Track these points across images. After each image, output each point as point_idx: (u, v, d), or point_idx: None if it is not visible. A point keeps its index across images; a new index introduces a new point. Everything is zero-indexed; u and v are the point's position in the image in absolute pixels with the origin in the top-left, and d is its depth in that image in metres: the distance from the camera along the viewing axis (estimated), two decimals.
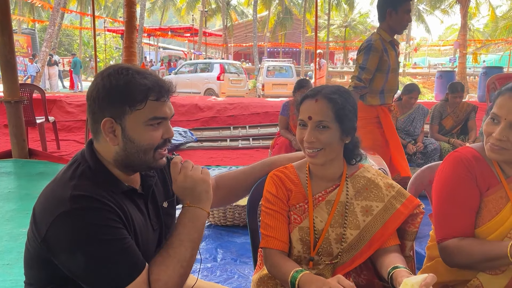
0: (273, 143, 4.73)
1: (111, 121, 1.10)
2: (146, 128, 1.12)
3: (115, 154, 1.13)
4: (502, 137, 1.30)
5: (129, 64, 1.19)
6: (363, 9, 49.26)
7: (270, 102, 8.74)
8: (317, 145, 1.35)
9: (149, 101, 1.10)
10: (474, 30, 34.35)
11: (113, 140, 1.12)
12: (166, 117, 1.15)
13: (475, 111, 4.93)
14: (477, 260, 1.33)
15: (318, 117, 1.34)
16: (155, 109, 1.11)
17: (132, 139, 1.11)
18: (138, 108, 1.09)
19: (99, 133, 1.13)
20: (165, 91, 1.14)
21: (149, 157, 1.15)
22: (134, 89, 1.09)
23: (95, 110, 1.12)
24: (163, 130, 1.15)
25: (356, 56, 3.34)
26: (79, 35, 35.16)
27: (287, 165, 1.51)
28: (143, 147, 1.13)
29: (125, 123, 1.10)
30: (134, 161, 1.14)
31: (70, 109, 8.17)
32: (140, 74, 1.12)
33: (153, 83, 1.11)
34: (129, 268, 1.05)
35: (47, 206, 1.05)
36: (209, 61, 19.35)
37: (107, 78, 1.10)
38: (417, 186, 1.72)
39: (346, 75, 32.37)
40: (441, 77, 12.03)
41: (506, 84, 1.37)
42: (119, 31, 27.63)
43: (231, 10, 38.91)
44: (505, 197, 1.37)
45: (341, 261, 1.38)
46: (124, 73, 1.10)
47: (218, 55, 44.55)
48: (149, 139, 1.12)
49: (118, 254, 1.03)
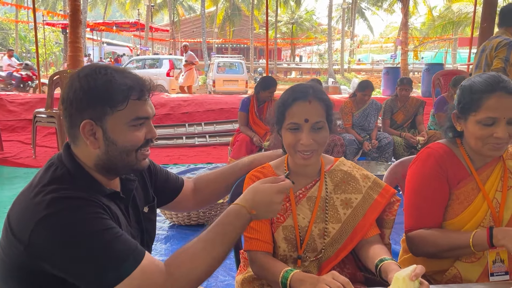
0: (233, 140, 4.71)
1: (91, 123, 1.05)
2: (129, 128, 1.08)
3: (96, 158, 1.09)
4: (505, 135, 1.36)
5: (103, 64, 1.13)
6: (309, 7, 50.27)
7: (224, 98, 8.68)
8: (314, 147, 1.34)
9: (131, 100, 1.06)
10: (412, 28, 36.06)
11: (93, 143, 1.07)
12: (148, 117, 1.12)
13: (423, 106, 5.19)
14: (442, 249, 1.41)
15: (315, 118, 1.34)
16: (137, 109, 1.08)
17: (114, 141, 1.07)
18: (120, 108, 1.05)
19: (78, 137, 1.08)
20: (147, 89, 1.10)
21: (132, 158, 1.11)
22: (114, 89, 1.04)
23: (72, 113, 1.07)
24: (145, 130, 1.12)
25: (495, 52, 3.79)
26: (15, 29, 33.09)
27: (264, 165, 1.50)
28: (126, 148, 1.08)
29: (106, 125, 1.06)
30: (116, 164, 1.10)
31: (12, 107, 7.66)
32: (119, 73, 1.08)
33: (134, 82, 1.08)
34: (131, 253, 0.99)
35: (27, 212, 0.99)
36: (158, 56, 18.90)
37: (85, 79, 1.05)
38: (391, 180, 1.78)
39: (293, 71, 32.95)
40: (388, 73, 12.56)
41: (478, 89, 1.39)
42: (59, 25, 26.32)
43: (178, 4, 38.23)
44: (476, 188, 1.45)
45: (325, 256, 1.40)
46: (102, 72, 1.06)
47: (165, 50, 43.64)
48: (132, 140, 1.09)
49: (115, 242, 0.98)
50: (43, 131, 7.02)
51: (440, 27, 25.82)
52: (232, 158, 4.42)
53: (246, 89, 16.60)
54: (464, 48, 27.64)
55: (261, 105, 4.63)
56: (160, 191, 1.39)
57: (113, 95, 1.04)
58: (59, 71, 6.84)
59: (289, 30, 38.33)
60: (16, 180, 4.76)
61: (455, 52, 31.22)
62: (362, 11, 40.10)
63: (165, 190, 1.42)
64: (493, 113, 1.37)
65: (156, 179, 1.39)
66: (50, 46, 31.88)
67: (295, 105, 1.35)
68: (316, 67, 32.68)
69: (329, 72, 26.38)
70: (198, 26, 32.05)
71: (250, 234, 1.37)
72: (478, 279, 1.44)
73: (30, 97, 8.47)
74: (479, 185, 1.44)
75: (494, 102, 1.37)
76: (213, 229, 1.10)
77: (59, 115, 5.46)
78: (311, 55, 44.74)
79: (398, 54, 24.48)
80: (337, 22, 40.98)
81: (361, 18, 40.43)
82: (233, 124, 7.45)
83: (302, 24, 38.16)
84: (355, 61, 36.91)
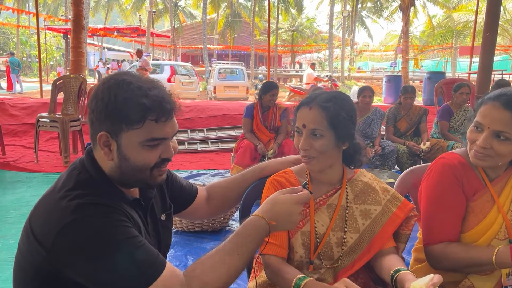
0: (236, 146, 4.68)
1: (107, 135, 1.04)
2: (143, 148, 1.05)
3: (110, 169, 1.08)
4: (486, 145, 1.36)
5: (132, 75, 1.08)
6: (310, 14, 50.66)
7: (226, 105, 8.69)
8: (311, 153, 1.36)
9: (148, 121, 1.03)
10: (412, 36, 36.25)
11: (108, 154, 1.06)
12: (166, 138, 1.08)
13: (426, 114, 5.19)
14: (463, 265, 1.39)
15: (312, 125, 1.35)
16: (153, 130, 1.04)
17: (127, 158, 1.05)
18: (135, 127, 1.02)
19: (97, 144, 1.08)
20: (167, 111, 1.05)
21: (145, 176, 1.09)
22: (131, 108, 1.01)
23: (93, 121, 1.06)
24: (161, 150, 1.08)
25: None
26: (16, 34, 33.17)
27: (285, 170, 1.50)
28: (138, 167, 1.07)
29: (120, 140, 1.04)
30: (129, 179, 1.09)
31: (14, 112, 7.64)
32: (142, 90, 1.03)
33: (153, 103, 1.02)
34: (153, 263, 0.99)
35: (51, 217, 0.99)
36: (159, 62, 18.92)
37: (107, 91, 1.04)
38: (402, 189, 1.77)
39: (294, 78, 33.04)
40: (389, 81, 12.62)
41: (488, 93, 1.43)
42: (61, 30, 26.42)
43: (179, 11, 38.41)
44: (491, 200, 1.43)
45: (341, 265, 1.39)
46: (125, 88, 1.03)
47: (165, 56, 43.77)
48: (144, 160, 1.06)
49: (138, 251, 0.98)
50: (45, 136, 7.00)
51: (440, 36, 25.94)
52: (236, 164, 4.40)
53: (247, 95, 16.62)
54: (463, 57, 27.74)
55: (266, 111, 4.62)
56: (175, 198, 1.38)
57: (130, 114, 1.01)
58: (62, 75, 6.84)
59: (290, 37, 38.49)
60: (18, 184, 4.74)
61: (455, 61, 31.34)
62: (363, 19, 40.31)
63: (180, 198, 1.42)
64: (481, 119, 1.39)
65: (172, 187, 1.39)
66: (52, 51, 31.96)
67: (300, 110, 1.40)
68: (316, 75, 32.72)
69: None
70: (199, 33, 32.18)
71: (266, 238, 1.37)
72: None
73: (32, 102, 8.46)
74: (494, 197, 1.43)
75: (486, 109, 1.38)
76: (232, 240, 1.09)
77: (62, 120, 5.46)
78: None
79: (398, 62, 24.58)
80: (338, 30, 41.19)
81: (361, 26, 40.64)
82: (235, 131, 7.44)
83: (303, 31, 38.32)
84: (355, 69, 37.01)
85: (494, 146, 1.36)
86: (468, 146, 1.44)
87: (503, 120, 1.33)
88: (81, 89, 5.81)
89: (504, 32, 18.62)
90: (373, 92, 5.02)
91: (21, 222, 3.65)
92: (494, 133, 1.35)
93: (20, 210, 3.88)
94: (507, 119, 1.33)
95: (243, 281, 2.74)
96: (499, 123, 1.34)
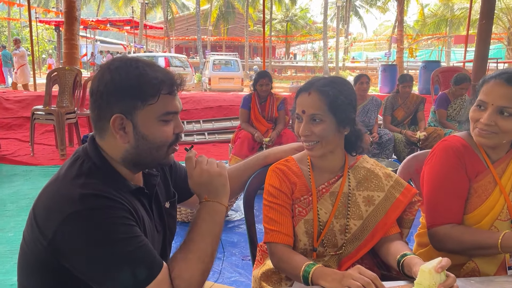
0: (234, 137, 4.68)
1: (121, 117, 1.03)
2: (159, 123, 1.06)
3: (124, 152, 1.07)
4: (490, 122, 1.37)
5: (133, 57, 1.11)
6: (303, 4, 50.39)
7: (223, 96, 8.66)
8: (312, 138, 1.36)
9: (162, 95, 1.04)
10: (406, 26, 36.19)
11: (123, 137, 1.05)
12: (177, 111, 1.11)
13: (423, 103, 5.21)
14: (467, 247, 1.40)
15: (311, 110, 1.34)
16: (167, 104, 1.07)
17: (145, 136, 1.05)
18: (151, 103, 1.04)
19: (105, 130, 1.06)
20: (177, 84, 1.09)
21: (162, 153, 1.10)
22: (146, 83, 1.03)
23: (101, 106, 1.04)
24: (174, 124, 1.10)
25: None
26: (7, 27, 32.77)
27: (287, 158, 1.49)
28: (156, 144, 1.07)
29: (136, 119, 1.04)
30: (146, 159, 1.09)
31: (8, 105, 7.57)
32: (151, 67, 1.07)
33: (165, 76, 1.06)
34: (149, 265, 0.99)
35: (53, 206, 0.97)
36: (153, 54, 18.81)
37: (116, 72, 1.03)
38: (405, 175, 1.77)
39: (288, 69, 32.98)
40: (385, 71, 12.61)
41: (487, 75, 1.45)
42: (52, 22, 26.11)
43: (172, 2, 38.08)
44: (493, 182, 1.44)
45: (345, 252, 1.39)
46: (134, 65, 1.04)
47: (158, 48, 43.48)
48: (162, 135, 1.07)
49: (136, 252, 0.97)
50: (40, 129, 6.95)
51: (433, 25, 25.93)
52: (234, 155, 4.40)
53: (241, 86, 16.58)
54: (457, 46, 27.77)
55: (263, 102, 4.62)
56: (179, 187, 1.37)
57: (145, 89, 1.03)
58: (57, 68, 6.76)
59: (284, 28, 38.33)
60: (15, 178, 4.72)
61: (449, 50, 31.38)
62: (356, 9, 40.18)
63: (184, 187, 1.41)
64: (485, 97, 1.40)
65: (176, 176, 1.38)
66: (44, 44, 31.63)
67: (299, 96, 1.39)
68: (310, 65, 32.71)
69: (324, 70, 26.43)
70: (192, 24, 31.98)
71: (271, 226, 1.37)
72: (495, 272, 1.43)
73: (26, 95, 8.38)
74: (496, 178, 1.44)
75: (489, 87, 1.40)
76: (191, 230, 1.12)
77: (58, 112, 5.41)
78: (306, 53, 44.80)
79: (393, 52, 24.56)
80: (332, 20, 41.05)
81: (355, 16, 40.52)
82: (231, 122, 7.43)
83: (297, 22, 38.18)
84: (350, 58, 36.96)
85: (498, 123, 1.37)
86: (471, 126, 1.45)
87: (506, 95, 1.35)
88: (76, 81, 5.74)
89: (498, 21, 18.63)
90: (369, 79, 5.02)
91: (19, 215, 3.64)
92: (498, 109, 1.36)
93: (18, 203, 3.86)
94: (510, 94, 1.35)
95: (245, 270, 2.77)
96: (503, 98, 1.35)
